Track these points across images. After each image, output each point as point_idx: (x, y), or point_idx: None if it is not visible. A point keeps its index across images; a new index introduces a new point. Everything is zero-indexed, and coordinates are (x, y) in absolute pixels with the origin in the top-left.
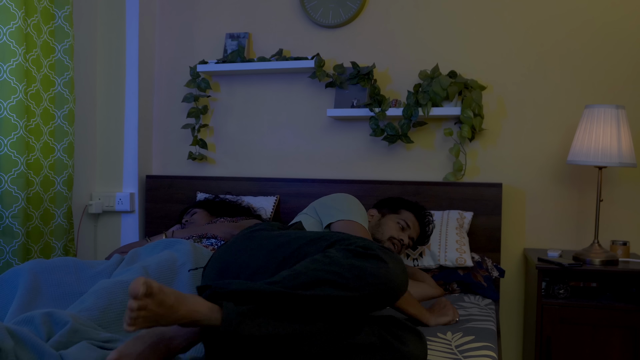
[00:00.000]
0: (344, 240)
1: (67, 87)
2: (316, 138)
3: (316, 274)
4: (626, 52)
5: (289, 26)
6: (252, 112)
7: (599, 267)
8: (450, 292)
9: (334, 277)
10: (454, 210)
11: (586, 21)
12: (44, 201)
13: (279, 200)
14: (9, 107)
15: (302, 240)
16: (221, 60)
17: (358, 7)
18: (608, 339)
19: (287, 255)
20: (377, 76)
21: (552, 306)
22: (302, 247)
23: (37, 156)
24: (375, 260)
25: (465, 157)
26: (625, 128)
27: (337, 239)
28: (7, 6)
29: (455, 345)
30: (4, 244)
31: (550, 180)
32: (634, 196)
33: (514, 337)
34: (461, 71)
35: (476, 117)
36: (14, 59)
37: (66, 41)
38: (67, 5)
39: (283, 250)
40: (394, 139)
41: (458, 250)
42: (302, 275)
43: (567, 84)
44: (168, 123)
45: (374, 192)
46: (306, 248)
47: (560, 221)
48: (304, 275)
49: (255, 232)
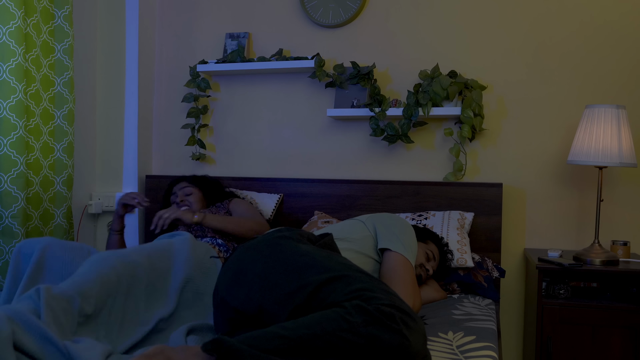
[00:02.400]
0: (368, 292)
1: (67, 87)
2: (316, 138)
3: (331, 339)
4: (626, 52)
5: (289, 26)
6: (252, 112)
7: (599, 267)
8: (451, 292)
9: (349, 346)
10: (455, 211)
11: (586, 21)
12: (43, 201)
13: (282, 198)
14: (8, 107)
15: (325, 275)
16: (221, 60)
17: (358, 7)
18: (608, 339)
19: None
20: (377, 76)
21: (552, 306)
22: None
23: (37, 156)
24: (397, 336)
25: (466, 157)
26: (625, 128)
27: (361, 287)
28: (6, 6)
29: (457, 345)
30: (4, 244)
31: (550, 180)
32: (635, 196)
33: (514, 337)
34: (461, 71)
35: (476, 117)
36: (14, 59)
37: (66, 41)
38: (66, 5)
39: (302, 278)
40: (394, 139)
41: (459, 250)
42: (319, 339)
43: (568, 83)
44: (168, 123)
45: (374, 192)
46: (326, 290)
47: (560, 221)
48: (320, 339)
49: (281, 239)
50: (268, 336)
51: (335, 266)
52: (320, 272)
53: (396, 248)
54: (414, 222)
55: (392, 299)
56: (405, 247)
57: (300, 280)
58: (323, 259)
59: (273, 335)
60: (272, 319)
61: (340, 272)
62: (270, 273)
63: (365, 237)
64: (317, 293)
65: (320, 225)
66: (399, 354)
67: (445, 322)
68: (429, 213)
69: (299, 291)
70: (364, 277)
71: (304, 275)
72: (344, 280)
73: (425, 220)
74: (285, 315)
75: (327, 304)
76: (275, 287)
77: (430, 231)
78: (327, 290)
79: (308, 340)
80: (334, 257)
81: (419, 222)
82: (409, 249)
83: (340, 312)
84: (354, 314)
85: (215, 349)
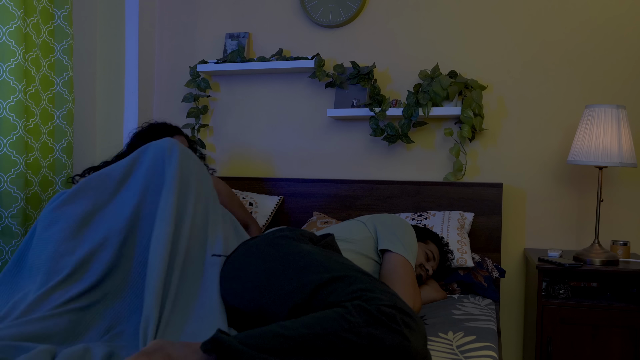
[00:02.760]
0: (368, 292)
1: (66, 87)
2: (316, 138)
3: (331, 339)
4: (626, 52)
5: (289, 26)
6: (252, 112)
7: (599, 267)
8: (451, 292)
9: (349, 346)
10: (455, 211)
11: (586, 21)
12: (42, 201)
13: (283, 200)
14: (8, 107)
15: (326, 275)
16: (221, 60)
17: (358, 7)
18: (608, 339)
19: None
20: (377, 76)
21: (552, 306)
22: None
23: (36, 156)
24: (398, 336)
25: (466, 157)
26: (625, 128)
27: (362, 287)
28: (6, 6)
29: (457, 345)
30: (4, 243)
31: (550, 180)
32: (635, 196)
33: (514, 337)
34: (461, 71)
35: (476, 117)
36: (13, 59)
37: (65, 41)
38: (66, 5)
39: (302, 277)
40: (394, 139)
41: (459, 250)
42: (319, 338)
43: (568, 83)
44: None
45: (374, 192)
46: (327, 290)
47: (560, 221)
48: (321, 338)
49: (283, 239)
50: (268, 335)
51: (336, 266)
52: (320, 272)
53: (396, 249)
54: (414, 222)
55: (393, 299)
56: (406, 248)
57: (300, 280)
58: (324, 259)
59: (273, 334)
60: (272, 318)
61: (341, 273)
62: (271, 273)
63: (366, 238)
64: (317, 293)
65: (320, 225)
66: (399, 355)
67: (446, 322)
68: (429, 213)
69: (298, 291)
70: (364, 277)
71: (304, 274)
72: (345, 281)
73: (425, 220)
74: (285, 315)
75: (327, 303)
76: (275, 287)
77: (430, 231)
78: (327, 290)
79: (308, 340)
80: (335, 257)
81: (419, 222)
82: (409, 250)
83: (341, 312)
84: (354, 314)
85: (214, 349)
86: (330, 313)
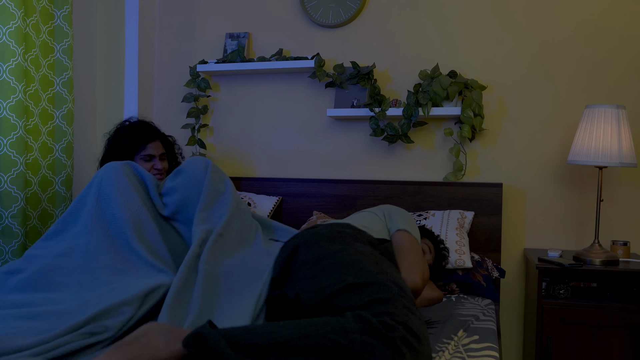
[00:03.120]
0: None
1: (66, 87)
2: (316, 138)
3: (321, 340)
4: (626, 52)
5: (289, 26)
6: (252, 112)
7: (599, 267)
8: (450, 292)
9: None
10: (454, 211)
11: (586, 21)
12: (42, 201)
13: (281, 201)
14: (8, 107)
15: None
16: (221, 60)
17: (358, 6)
18: (608, 339)
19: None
20: (377, 76)
21: (552, 306)
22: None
23: (36, 156)
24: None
25: (466, 157)
26: (625, 128)
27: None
28: (6, 6)
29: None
30: (3, 244)
31: (550, 180)
32: (635, 196)
33: (514, 337)
34: (461, 71)
35: (476, 117)
36: (13, 59)
37: (65, 41)
38: (66, 5)
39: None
40: (394, 139)
41: (457, 251)
42: (309, 338)
43: (568, 83)
44: (168, 123)
45: (374, 192)
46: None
47: (560, 221)
48: (311, 338)
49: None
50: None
51: (373, 271)
52: (356, 275)
53: (405, 227)
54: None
55: (409, 318)
56: (412, 231)
57: (334, 278)
58: (368, 262)
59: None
60: (305, 307)
61: (371, 279)
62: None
63: (382, 227)
64: (340, 294)
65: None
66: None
67: (446, 322)
68: (428, 213)
69: (328, 288)
70: (395, 288)
71: (340, 273)
72: (370, 288)
73: (425, 220)
74: (314, 306)
75: (341, 308)
76: (314, 279)
77: (425, 229)
78: (348, 295)
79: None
80: (382, 263)
81: (419, 222)
82: (415, 233)
83: (340, 319)
84: (351, 322)
85: (194, 345)
86: (329, 319)
